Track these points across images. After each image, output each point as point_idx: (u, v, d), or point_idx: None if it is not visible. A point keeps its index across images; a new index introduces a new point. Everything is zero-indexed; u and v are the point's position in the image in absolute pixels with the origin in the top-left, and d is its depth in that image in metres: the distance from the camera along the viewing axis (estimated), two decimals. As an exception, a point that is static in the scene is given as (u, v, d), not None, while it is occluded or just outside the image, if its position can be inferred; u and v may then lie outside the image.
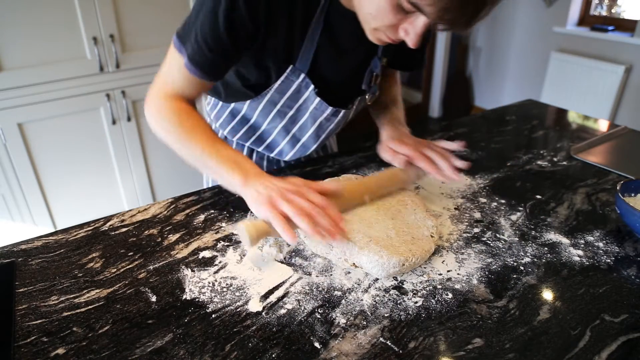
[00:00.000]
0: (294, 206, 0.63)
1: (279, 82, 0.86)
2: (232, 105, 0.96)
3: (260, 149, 1.02)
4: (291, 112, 0.92)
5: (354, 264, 0.66)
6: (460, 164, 0.81)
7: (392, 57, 0.97)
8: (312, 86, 0.86)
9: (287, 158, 1.01)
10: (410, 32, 0.64)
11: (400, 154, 0.85)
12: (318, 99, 0.88)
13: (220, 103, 1.00)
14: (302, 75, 0.84)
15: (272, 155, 1.03)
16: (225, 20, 0.71)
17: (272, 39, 0.79)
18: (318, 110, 0.90)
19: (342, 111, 0.92)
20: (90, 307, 0.61)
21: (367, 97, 0.95)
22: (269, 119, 0.94)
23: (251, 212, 0.76)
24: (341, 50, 0.84)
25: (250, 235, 0.63)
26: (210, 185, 1.09)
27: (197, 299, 0.62)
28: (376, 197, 0.80)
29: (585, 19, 3.13)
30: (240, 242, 0.74)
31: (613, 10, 3.10)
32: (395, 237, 0.69)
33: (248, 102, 0.92)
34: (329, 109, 0.90)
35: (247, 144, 1.02)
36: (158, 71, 0.83)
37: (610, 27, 2.90)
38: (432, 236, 0.70)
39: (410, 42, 0.65)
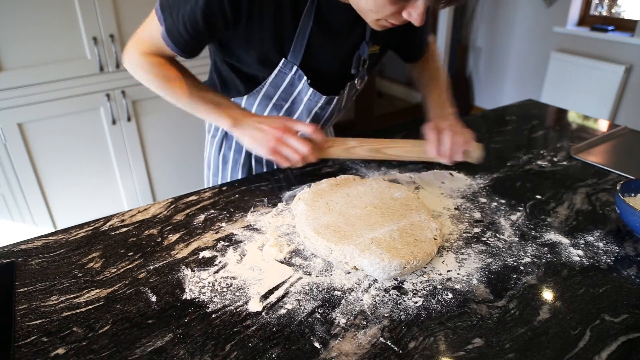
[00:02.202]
0: (291, 150, 0.81)
1: (272, 76, 0.87)
2: (231, 98, 0.98)
3: None
4: (286, 105, 0.94)
5: (354, 267, 0.66)
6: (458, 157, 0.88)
7: (398, 49, 1.02)
8: (304, 77, 0.87)
9: None
10: (413, 13, 0.67)
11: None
12: (311, 89, 0.90)
13: None
14: (295, 68, 0.86)
15: None
16: (204, 5, 0.73)
17: (257, 30, 0.79)
18: (312, 101, 0.92)
19: (335, 98, 0.94)
20: (90, 307, 0.61)
21: (356, 81, 0.96)
22: (267, 111, 0.96)
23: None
24: (333, 38, 0.85)
25: None
26: (210, 185, 1.10)
27: (197, 299, 0.62)
28: (374, 150, 0.91)
29: (585, 19, 3.13)
30: (240, 242, 0.74)
31: (613, 10, 3.10)
32: (398, 238, 0.69)
33: (245, 97, 0.94)
34: (323, 98, 0.92)
35: None
36: (138, 28, 0.87)
37: (610, 27, 2.90)
38: (435, 239, 0.70)
39: (415, 22, 0.68)
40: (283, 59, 0.84)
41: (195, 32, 0.77)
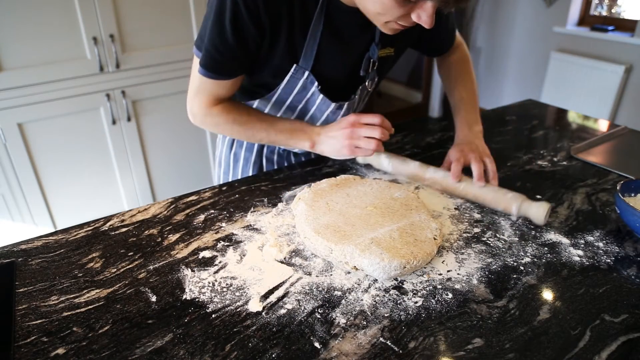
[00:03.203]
0: (368, 142, 0.84)
1: (284, 82, 0.88)
2: (244, 102, 0.99)
3: None
4: (300, 106, 0.95)
5: (354, 267, 0.66)
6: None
7: (424, 46, 1.05)
8: (316, 83, 0.88)
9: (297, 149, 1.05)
10: (422, 16, 0.66)
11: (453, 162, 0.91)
12: (321, 96, 0.90)
13: None
14: (307, 73, 0.86)
15: (282, 148, 1.06)
16: (231, 28, 0.75)
17: (276, 41, 0.81)
18: (324, 105, 0.93)
19: (346, 104, 0.94)
20: (90, 307, 0.61)
21: (366, 83, 0.96)
22: (280, 113, 0.97)
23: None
24: (343, 43, 0.86)
25: None
26: (221, 182, 1.11)
27: (197, 299, 0.62)
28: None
29: (585, 19, 3.13)
30: (240, 242, 0.74)
31: (613, 10, 3.10)
32: (398, 238, 0.69)
33: (257, 100, 0.96)
34: (332, 105, 0.93)
35: None
36: (190, 84, 0.90)
37: (610, 27, 2.90)
38: (435, 238, 0.70)
39: (425, 24, 0.67)
40: (295, 65, 0.85)
41: (230, 55, 0.79)
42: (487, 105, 3.90)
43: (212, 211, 0.83)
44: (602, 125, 1.28)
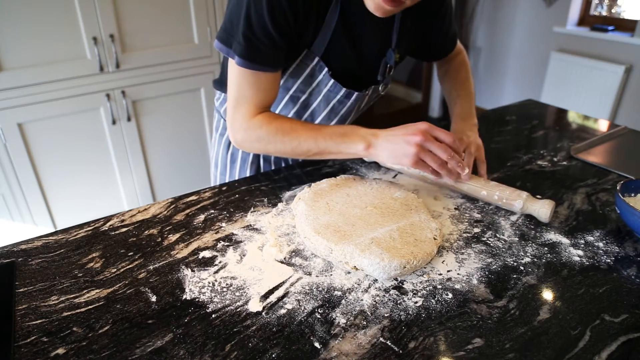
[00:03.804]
0: (435, 159, 0.77)
1: (293, 66, 0.87)
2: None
3: None
4: (303, 97, 0.94)
5: (354, 266, 0.66)
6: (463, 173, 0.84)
7: (425, 50, 1.04)
8: (326, 68, 0.87)
9: None
10: None
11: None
12: (332, 80, 0.89)
13: None
14: (317, 59, 0.86)
15: None
16: (270, 17, 0.73)
17: (299, 26, 0.80)
18: (332, 92, 0.91)
19: (355, 94, 0.93)
20: (90, 307, 0.61)
21: (380, 87, 0.97)
22: (281, 106, 0.96)
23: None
24: (355, 37, 0.86)
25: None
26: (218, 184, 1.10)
27: (197, 299, 0.62)
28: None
29: (585, 19, 3.13)
30: (240, 242, 0.74)
31: (613, 10, 3.10)
32: (398, 238, 0.69)
33: None
34: (343, 90, 0.91)
35: None
36: (228, 98, 0.84)
37: (610, 27, 2.90)
38: (435, 238, 0.70)
39: None
40: (306, 50, 0.84)
41: (272, 42, 0.76)
42: (487, 105, 3.90)
43: (212, 211, 0.83)
44: (602, 125, 1.28)
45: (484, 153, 0.93)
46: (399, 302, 0.62)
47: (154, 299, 0.62)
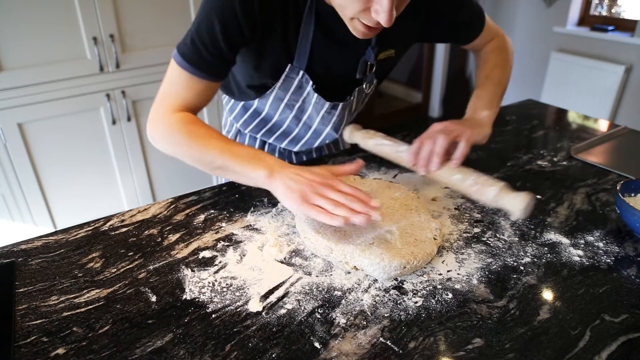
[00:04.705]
0: (329, 201, 0.66)
1: (280, 81, 0.88)
2: (244, 100, 0.99)
3: (271, 141, 1.05)
4: (298, 104, 0.94)
5: (354, 267, 0.66)
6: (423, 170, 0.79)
7: (449, 34, 0.99)
8: (310, 82, 0.88)
9: (299, 145, 1.04)
10: (380, 10, 0.63)
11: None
12: (316, 95, 0.90)
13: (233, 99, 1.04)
14: (301, 72, 0.86)
15: (283, 145, 1.06)
16: (221, 26, 0.73)
17: (270, 40, 0.80)
18: (318, 105, 0.93)
19: (340, 104, 0.94)
20: (90, 307, 0.61)
21: (364, 86, 0.95)
22: (279, 112, 0.97)
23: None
24: (337, 43, 0.85)
25: None
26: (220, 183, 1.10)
27: (197, 299, 0.62)
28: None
29: (585, 19, 3.13)
30: (240, 242, 0.74)
31: (613, 10, 3.10)
32: (399, 238, 0.69)
33: (257, 100, 0.95)
34: (327, 104, 0.92)
35: (259, 136, 1.06)
36: (158, 92, 0.82)
37: (610, 27, 2.90)
38: (435, 238, 0.70)
39: (382, 20, 0.63)
40: (289, 65, 0.85)
41: (217, 52, 0.76)
42: (487, 105, 3.89)
43: (212, 211, 0.83)
44: (602, 125, 1.28)
45: (471, 145, 0.81)
46: (399, 302, 0.62)
47: (154, 299, 0.62)
